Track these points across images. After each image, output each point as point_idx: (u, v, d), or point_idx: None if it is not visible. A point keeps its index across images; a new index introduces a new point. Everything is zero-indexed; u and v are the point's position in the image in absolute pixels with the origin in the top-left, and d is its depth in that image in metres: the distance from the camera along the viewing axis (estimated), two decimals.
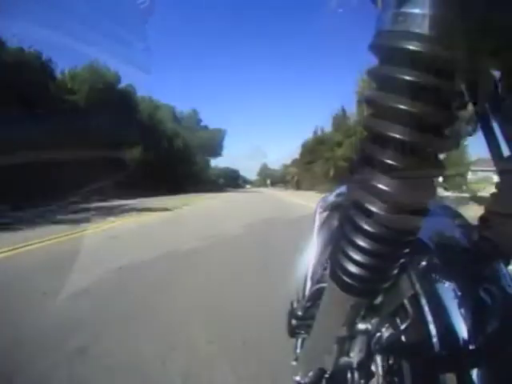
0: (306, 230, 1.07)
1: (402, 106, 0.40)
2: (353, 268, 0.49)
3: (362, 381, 0.63)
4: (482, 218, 0.57)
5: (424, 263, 0.53)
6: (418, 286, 0.54)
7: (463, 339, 0.48)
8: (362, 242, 0.47)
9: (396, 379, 0.59)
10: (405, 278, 0.54)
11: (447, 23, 0.38)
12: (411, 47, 0.38)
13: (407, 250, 0.49)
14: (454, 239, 0.62)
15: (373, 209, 0.44)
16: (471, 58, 0.43)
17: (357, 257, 0.48)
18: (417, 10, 0.38)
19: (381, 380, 0.60)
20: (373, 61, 0.43)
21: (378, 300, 0.57)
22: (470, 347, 0.48)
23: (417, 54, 0.38)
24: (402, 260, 0.50)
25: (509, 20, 0.41)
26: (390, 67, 0.41)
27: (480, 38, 0.41)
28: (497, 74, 0.49)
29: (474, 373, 0.47)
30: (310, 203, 8.74)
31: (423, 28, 0.38)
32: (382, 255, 0.47)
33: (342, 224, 0.51)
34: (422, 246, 0.57)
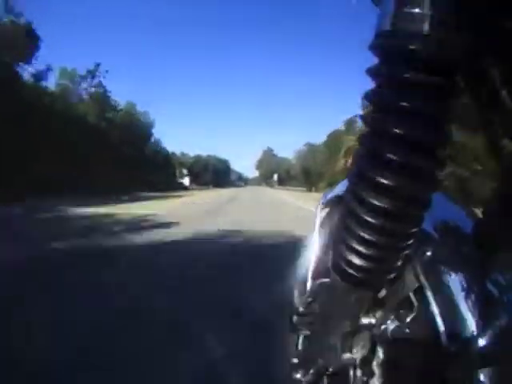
0: None
1: (401, 104, 0.40)
2: (355, 259, 0.48)
3: (365, 378, 0.62)
4: (486, 209, 0.57)
5: (429, 254, 0.52)
6: (423, 278, 0.52)
7: (471, 333, 0.47)
8: (364, 233, 0.47)
9: (401, 376, 0.58)
10: (409, 269, 0.53)
11: (447, 23, 0.38)
12: (411, 47, 0.38)
13: (411, 241, 0.48)
14: (460, 230, 0.60)
15: (374, 201, 0.44)
16: (471, 58, 0.44)
17: (359, 248, 0.47)
18: (416, 10, 0.38)
19: (384, 377, 0.60)
20: (372, 60, 0.44)
21: (382, 293, 0.56)
22: (479, 341, 0.46)
23: (416, 54, 0.38)
24: (405, 251, 0.49)
25: (509, 19, 0.41)
26: (389, 66, 0.41)
27: (480, 37, 0.41)
28: (496, 73, 0.49)
29: (483, 369, 0.45)
30: None
31: (423, 28, 0.37)
32: (385, 246, 0.47)
33: (344, 216, 0.50)
34: (426, 236, 0.55)
